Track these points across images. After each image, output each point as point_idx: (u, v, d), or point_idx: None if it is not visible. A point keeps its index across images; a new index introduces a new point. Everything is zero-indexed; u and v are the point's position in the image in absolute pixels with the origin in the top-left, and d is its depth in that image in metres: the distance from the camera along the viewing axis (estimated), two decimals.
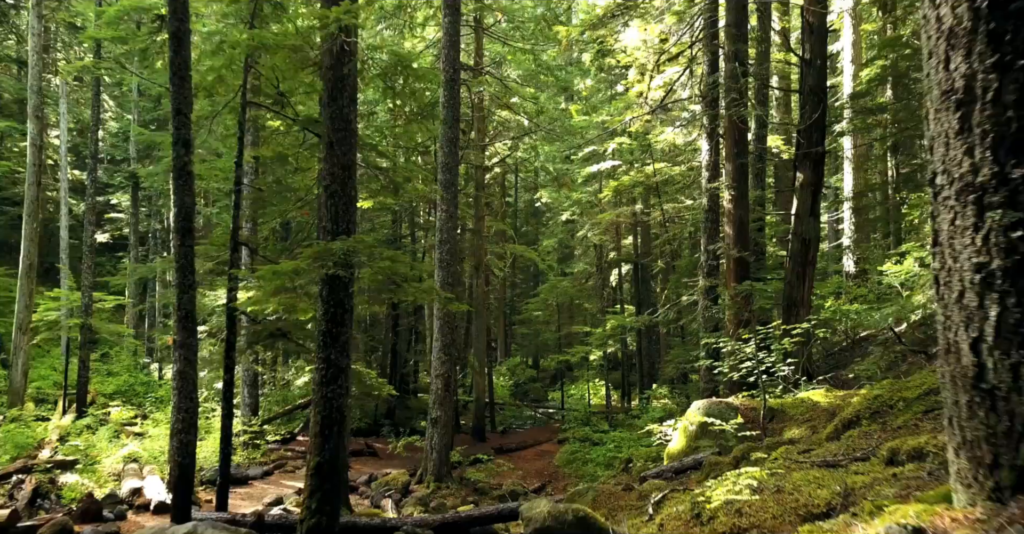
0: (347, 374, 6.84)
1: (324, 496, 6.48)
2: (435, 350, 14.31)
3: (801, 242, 12.17)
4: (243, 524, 7.86)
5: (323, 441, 6.58)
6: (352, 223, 6.96)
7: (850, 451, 4.49)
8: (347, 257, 6.45)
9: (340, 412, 6.71)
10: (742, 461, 6.72)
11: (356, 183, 7.08)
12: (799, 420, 7.77)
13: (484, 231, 21.64)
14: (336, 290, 6.75)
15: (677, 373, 21.13)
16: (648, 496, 6.78)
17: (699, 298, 13.17)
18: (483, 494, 14.45)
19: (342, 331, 6.81)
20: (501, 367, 34.50)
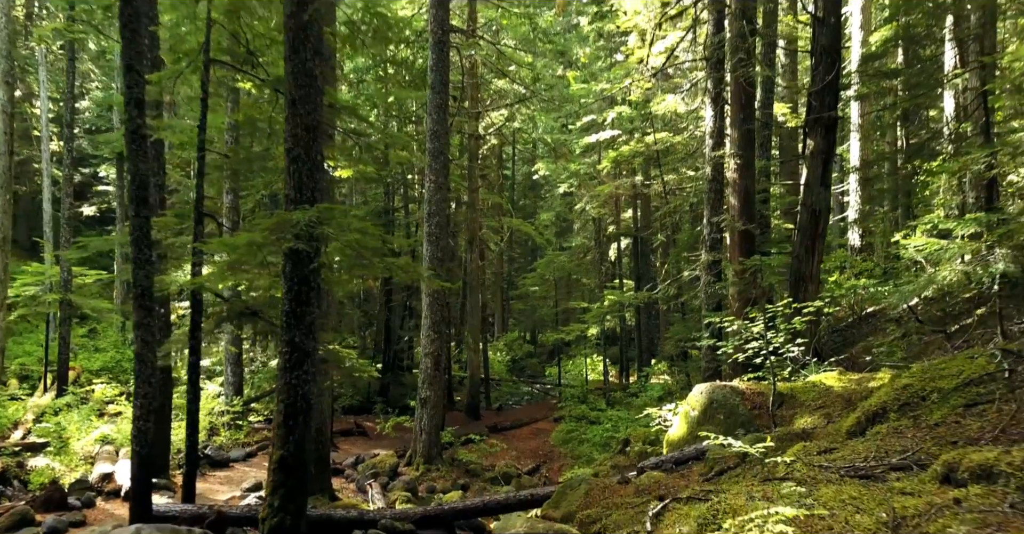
0: (314, 359, 6.18)
1: (288, 493, 5.87)
2: (424, 328, 13.67)
3: (810, 213, 11.44)
4: (204, 518, 7.28)
5: (287, 433, 5.95)
6: (318, 191, 6.24)
7: (882, 454, 3.83)
8: (310, 229, 5.75)
9: (306, 400, 6.06)
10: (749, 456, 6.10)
11: (322, 147, 6.34)
12: (811, 407, 7.14)
13: (478, 204, 20.89)
14: (300, 266, 6.06)
15: (677, 351, 20.54)
16: (646, 493, 6.17)
17: (701, 273, 12.48)
18: (475, 476, 13.94)
19: (308, 311, 6.13)
20: (498, 342, 33.98)
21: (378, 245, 6.13)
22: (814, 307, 7.69)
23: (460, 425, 19.39)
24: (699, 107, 18.45)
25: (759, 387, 7.87)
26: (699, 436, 7.74)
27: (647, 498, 5.96)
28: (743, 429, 7.39)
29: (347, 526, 7.38)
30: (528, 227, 23.51)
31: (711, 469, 6.33)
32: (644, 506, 5.57)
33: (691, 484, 6.22)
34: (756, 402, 7.61)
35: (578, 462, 15.12)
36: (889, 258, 21.89)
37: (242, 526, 7.63)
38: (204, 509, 7.66)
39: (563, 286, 33.58)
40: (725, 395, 7.73)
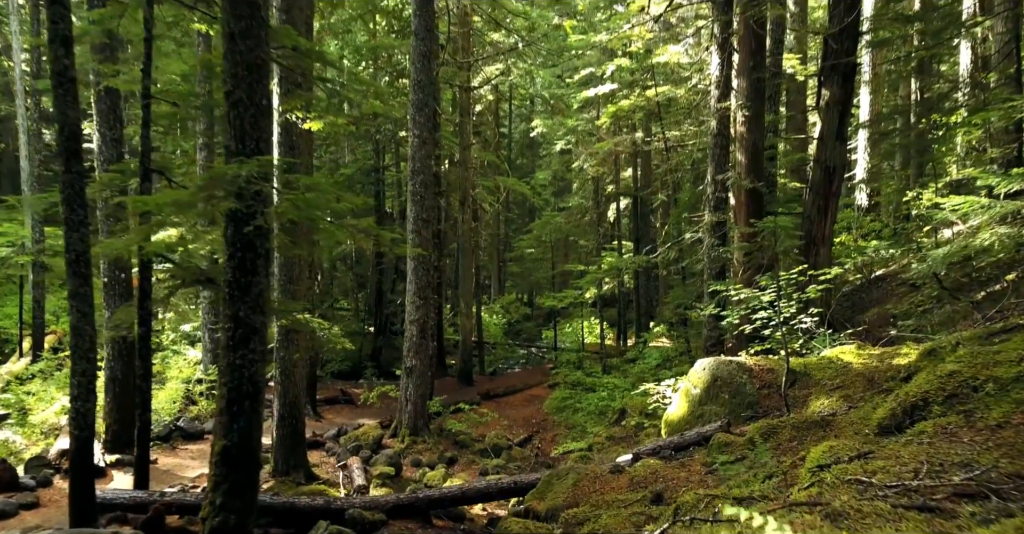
0: (262, 335, 5.38)
1: (233, 489, 5.13)
2: (409, 293, 12.87)
3: (824, 170, 10.55)
4: (148, 505, 6.58)
5: (231, 420, 5.18)
6: (264, 142, 5.34)
7: (936, 466, 3.04)
8: (249, 185, 4.88)
9: (253, 383, 5.28)
10: (762, 443, 5.35)
11: (269, 89, 5.42)
12: (827, 386, 6.37)
13: (470, 162, 19.89)
14: (243, 229, 5.21)
15: (676, 318, 19.84)
16: (641, 487, 5.43)
17: (704, 236, 11.64)
18: (463, 448, 13.32)
19: (254, 281, 5.30)
20: (495, 305, 33.29)
21: (332, 205, 5.28)
22: (831, 274, 6.86)
23: (451, 392, 18.78)
24: (703, 57, 17.33)
25: (768, 363, 7.10)
26: (702, 415, 7.01)
27: (643, 493, 5.23)
28: (750, 410, 6.65)
29: (312, 515, 6.70)
30: (523, 187, 22.54)
31: (715, 458, 5.58)
32: (639, 506, 4.83)
33: (692, 476, 5.49)
34: (765, 380, 6.85)
35: (572, 432, 14.52)
36: (899, 218, 21.04)
37: (197, 515, 6.94)
38: (155, 496, 6.97)
39: (560, 248, 32.73)
40: (731, 372, 6.96)
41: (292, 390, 9.80)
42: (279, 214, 5.19)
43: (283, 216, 5.35)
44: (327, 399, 16.55)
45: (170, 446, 11.36)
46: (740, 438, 5.62)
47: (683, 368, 14.57)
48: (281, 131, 9.66)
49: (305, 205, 5.09)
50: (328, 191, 5.23)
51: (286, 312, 7.95)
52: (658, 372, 15.00)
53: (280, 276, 9.73)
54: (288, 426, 9.79)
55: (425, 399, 13.07)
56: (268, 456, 10.28)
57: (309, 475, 10.04)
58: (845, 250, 16.60)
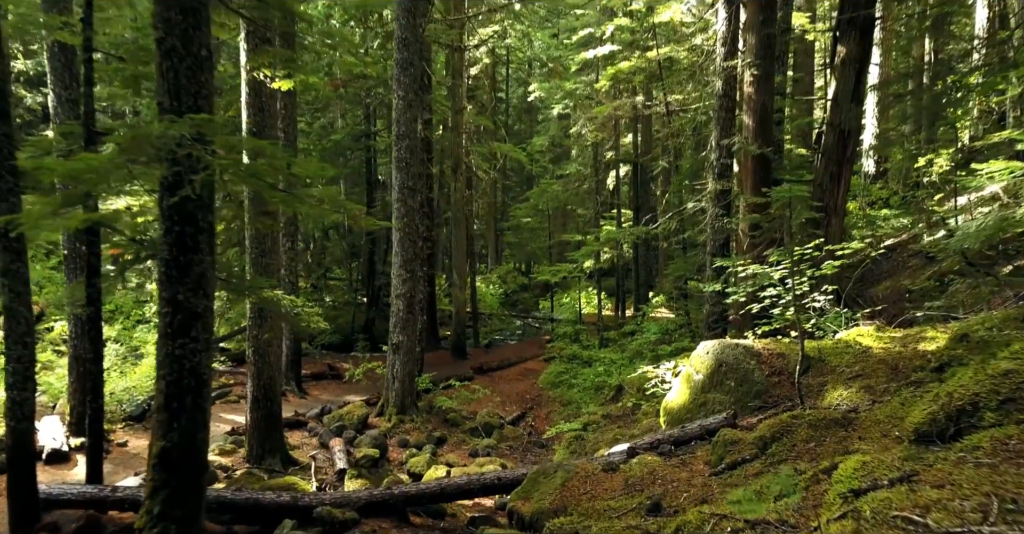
0: (206, 321, 4.71)
1: (173, 495, 4.52)
2: (395, 266, 12.19)
3: (838, 134, 9.80)
4: (100, 502, 6.00)
5: (170, 418, 4.55)
6: (205, 99, 4.61)
7: (1009, 504, 2.40)
8: (181, 149, 4.16)
9: (196, 375, 4.63)
10: (774, 442, 4.73)
11: (208, 37, 4.66)
12: (846, 374, 5.73)
13: (463, 127, 19.03)
14: (183, 200, 4.51)
15: (676, 292, 19.22)
16: (637, 490, 4.82)
17: (707, 205, 10.91)
18: (453, 426, 12.79)
19: (195, 259, 4.61)
20: (491, 275, 32.66)
21: (283, 171, 4.56)
22: (851, 249, 6.17)
23: (444, 366, 18.24)
24: (707, 16, 16.37)
25: (778, 347, 6.45)
26: (704, 404, 6.39)
27: (639, 499, 4.62)
28: (758, 400, 6.02)
29: (277, 513, 6.12)
30: (519, 153, 21.70)
31: (720, 459, 4.97)
32: (635, 517, 4.22)
33: (695, 478, 4.88)
34: (775, 366, 6.21)
35: (567, 409, 13.99)
36: (909, 186, 20.26)
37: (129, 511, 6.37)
38: (106, 491, 6.38)
39: (558, 217, 31.94)
40: (737, 357, 6.31)
41: (267, 371, 9.19)
42: (211, 182, 4.47)
43: (222, 185, 4.63)
44: (314, 374, 15.99)
45: (143, 427, 10.79)
46: (749, 435, 5.00)
47: (683, 343, 13.97)
48: (249, 91, 8.88)
49: (250, 173, 4.38)
50: (279, 157, 4.51)
51: (254, 289, 7.28)
52: (657, 347, 14.41)
53: (252, 249, 9.04)
54: (263, 409, 9.21)
55: (413, 376, 12.49)
56: (243, 439, 9.73)
57: (286, 460, 9.50)
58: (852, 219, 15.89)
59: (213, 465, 8.89)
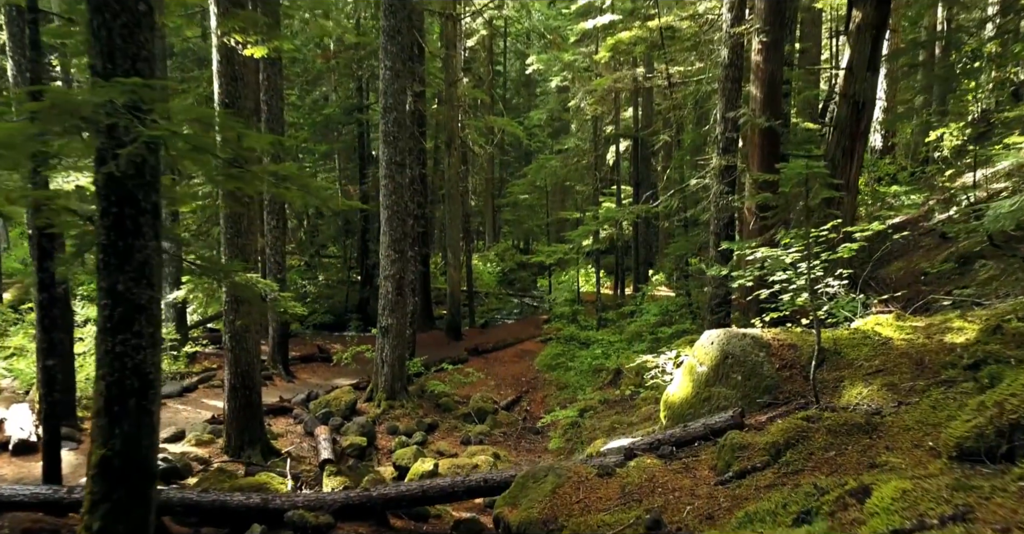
0: (151, 314, 4.19)
1: (116, 509, 4.04)
2: (383, 246, 11.65)
3: (852, 106, 9.18)
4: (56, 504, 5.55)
5: (111, 423, 4.05)
6: (144, 61, 4.03)
7: None
8: (109, 118, 3.60)
9: (140, 375, 4.13)
10: (788, 450, 4.23)
11: None
12: (865, 369, 5.22)
13: (457, 100, 18.33)
14: (121, 177, 3.96)
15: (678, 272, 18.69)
16: (635, 499, 4.34)
17: (711, 182, 10.33)
18: (445, 411, 12.36)
19: (137, 245, 4.07)
20: (489, 252, 32.12)
21: (234, 144, 4.00)
22: (872, 230, 5.62)
23: (438, 347, 17.79)
24: None
25: (789, 337, 5.93)
26: (709, 398, 5.90)
27: (637, 513, 4.14)
28: (767, 396, 5.53)
29: (246, 516, 5.66)
30: (515, 127, 21.01)
31: (727, 465, 4.48)
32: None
33: (699, 487, 4.40)
34: (786, 358, 5.69)
35: (563, 393, 13.55)
36: (918, 161, 19.63)
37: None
38: (62, 492, 5.91)
39: (557, 193, 31.26)
40: (745, 348, 5.80)
41: (244, 358, 8.69)
42: (154, 157, 3.91)
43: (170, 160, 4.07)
44: (303, 357, 15.53)
45: None
46: (759, 438, 4.51)
47: (684, 325, 13.48)
48: (221, 59, 8.25)
49: (192, 146, 3.81)
50: (229, 126, 3.94)
51: (226, 272, 6.75)
52: (657, 329, 13.92)
53: (226, 229, 8.50)
54: (241, 398, 8.73)
55: (403, 360, 12.01)
56: (223, 428, 9.28)
57: (267, 450, 9.05)
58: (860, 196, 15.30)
59: (188, 457, 8.46)
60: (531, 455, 10.50)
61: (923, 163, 19.33)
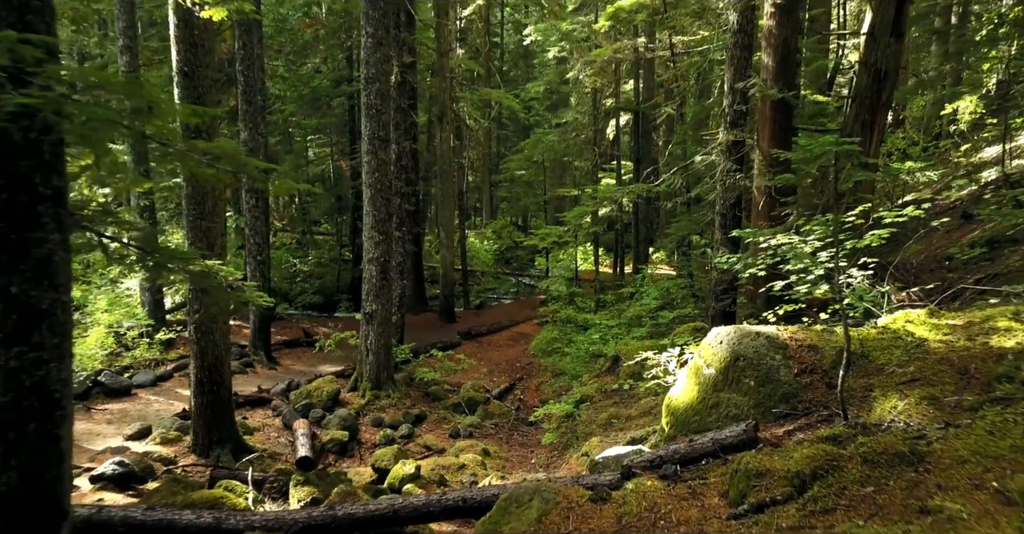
0: (56, 320, 3.50)
1: None
2: (366, 227, 10.94)
3: (873, 75, 8.39)
4: None
5: (7, 452, 3.36)
6: (36, 14, 3.29)
7: None
8: None
9: (43, 394, 3.45)
10: (815, 481, 3.56)
11: None
12: (897, 377, 4.55)
13: (449, 71, 17.46)
14: (11, 155, 3.25)
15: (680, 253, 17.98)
16: (631, 525, 3.69)
17: (718, 158, 9.58)
18: (435, 401, 11.75)
19: (35, 238, 3.38)
20: (486, 230, 31.37)
21: (144, 115, 3.28)
22: (906, 215, 4.90)
23: (430, 329, 17.18)
24: None
25: (809, 336, 5.25)
26: (717, 405, 5.23)
27: None
28: (785, 404, 4.86)
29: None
30: (510, 100, 20.14)
31: (741, 495, 3.82)
32: None
33: (708, 520, 3.75)
34: (805, 362, 5.02)
35: (559, 381, 12.93)
36: (931, 135, 18.81)
37: None
38: None
39: (555, 169, 30.41)
40: (758, 349, 5.12)
41: (212, 350, 8.03)
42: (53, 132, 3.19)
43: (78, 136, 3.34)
44: (287, 342, 14.89)
45: (85, 407, 9.72)
46: (779, 464, 3.84)
47: (686, 310, 12.82)
48: (178, 22, 7.47)
49: (89, 118, 3.08)
50: (137, 93, 3.22)
51: (182, 260, 6.05)
52: (657, 313, 13.25)
53: (188, 211, 7.78)
54: (209, 393, 8.09)
55: (389, 348, 11.37)
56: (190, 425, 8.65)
57: (239, 448, 8.43)
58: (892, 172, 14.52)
59: (151, 457, 7.84)
60: (524, 449, 9.91)
61: (936, 137, 18.53)
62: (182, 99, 7.51)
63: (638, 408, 9.55)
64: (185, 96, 7.49)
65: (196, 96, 7.50)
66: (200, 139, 7.60)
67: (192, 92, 7.49)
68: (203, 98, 7.53)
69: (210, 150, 3.62)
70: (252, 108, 12.43)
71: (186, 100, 7.50)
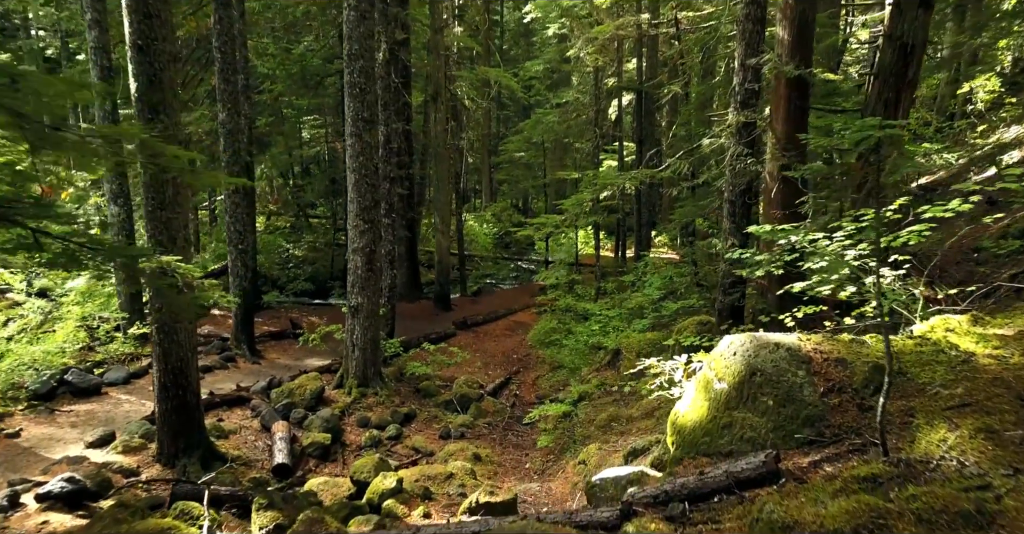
0: None
1: None
2: (351, 215, 10.26)
3: (899, 49, 7.66)
4: None
5: None
6: None
7: None
8: None
9: None
10: None
11: None
12: (943, 400, 3.89)
13: (443, 48, 16.64)
14: None
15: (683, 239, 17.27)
16: None
17: (727, 141, 8.85)
18: (426, 397, 11.16)
19: None
20: (485, 213, 30.64)
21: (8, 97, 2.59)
22: (953, 210, 4.21)
23: (425, 319, 16.55)
24: None
25: (836, 348, 4.58)
26: (731, 425, 4.59)
27: None
28: (809, 429, 4.22)
29: None
30: (509, 79, 19.32)
31: None
32: None
33: None
34: (833, 378, 4.36)
35: (557, 375, 12.33)
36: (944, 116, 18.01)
37: None
38: None
39: (557, 150, 29.57)
40: (777, 363, 4.47)
41: (176, 352, 7.39)
42: None
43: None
44: (273, 333, 14.26)
45: (48, 409, 9.10)
46: (808, 514, 3.20)
47: (691, 301, 12.16)
48: None
49: None
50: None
51: (129, 258, 5.40)
52: (660, 305, 12.59)
53: (147, 200, 7.10)
54: (174, 398, 7.46)
55: (377, 342, 10.73)
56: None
57: (209, 455, 7.84)
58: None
59: (111, 468, 7.24)
60: (518, 452, 9.31)
61: (950, 118, 17.73)
62: (136, 75, 6.80)
63: (639, 408, 8.93)
64: (139, 72, 6.78)
65: (152, 73, 6.79)
66: (158, 120, 6.91)
67: (147, 68, 6.77)
68: (159, 75, 6.82)
69: (112, 135, 2.93)
70: (230, 87, 11.68)
71: (140, 77, 6.79)
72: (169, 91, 7.01)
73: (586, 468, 7.39)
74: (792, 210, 8.03)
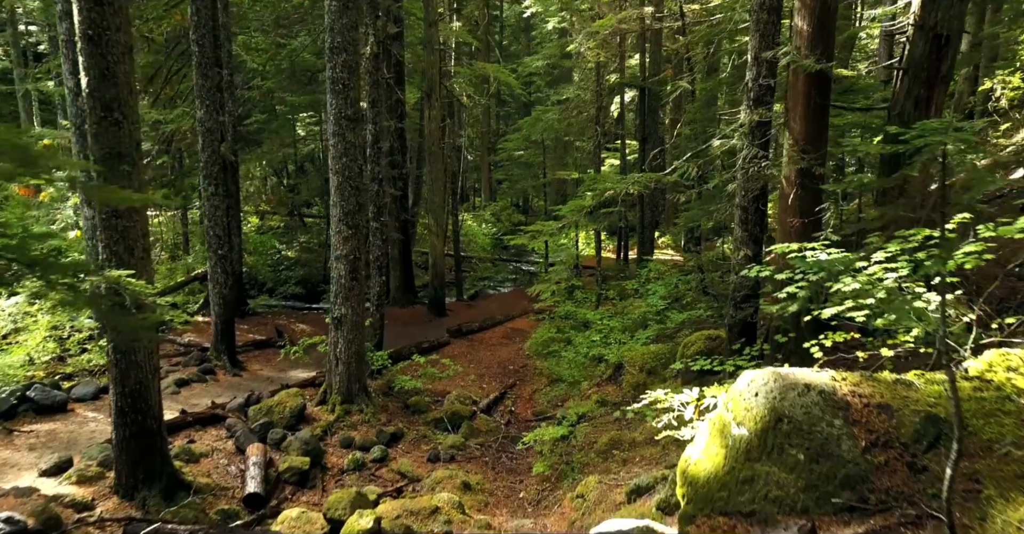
0: None
1: None
2: (333, 220, 9.58)
3: (931, 42, 6.97)
4: None
5: None
6: None
7: None
8: None
9: None
10: None
11: None
12: (1016, 462, 3.20)
13: (438, 43, 15.94)
14: None
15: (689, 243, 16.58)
16: None
17: (739, 142, 8.15)
18: (415, 414, 10.49)
19: None
20: (484, 212, 29.96)
21: None
22: (1016, 230, 3.52)
23: (418, 326, 15.88)
24: None
25: (876, 390, 3.89)
26: (753, 479, 3.90)
27: None
28: (850, 492, 3.53)
29: None
30: (507, 75, 18.63)
31: None
32: None
33: None
34: (876, 430, 3.67)
35: (555, 389, 11.65)
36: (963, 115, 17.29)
37: None
38: None
39: (557, 149, 28.84)
40: (809, 409, 3.78)
41: (135, 373, 6.71)
42: None
43: None
44: (257, 342, 13.58)
45: (6, 429, 8.43)
46: None
47: (697, 312, 11.47)
48: None
49: None
50: None
51: (67, 275, 4.72)
52: (664, 315, 11.91)
53: (101, 207, 6.42)
54: (133, 424, 6.79)
55: (362, 356, 10.07)
56: None
57: (174, 485, 7.16)
58: None
59: (63, 502, 6.58)
60: (511, 478, 8.64)
61: (968, 116, 17.03)
62: (87, 69, 6.12)
63: (643, 432, 8.25)
64: (91, 66, 6.10)
65: (104, 66, 6.11)
66: (111, 117, 6.23)
67: (99, 61, 6.09)
68: (112, 68, 6.13)
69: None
70: (209, 83, 10.99)
71: (92, 70, 6.11)
72: (124, 86, 6.32)
73: (584, 503, 6.72)
74: (812, 218, 7.35)
